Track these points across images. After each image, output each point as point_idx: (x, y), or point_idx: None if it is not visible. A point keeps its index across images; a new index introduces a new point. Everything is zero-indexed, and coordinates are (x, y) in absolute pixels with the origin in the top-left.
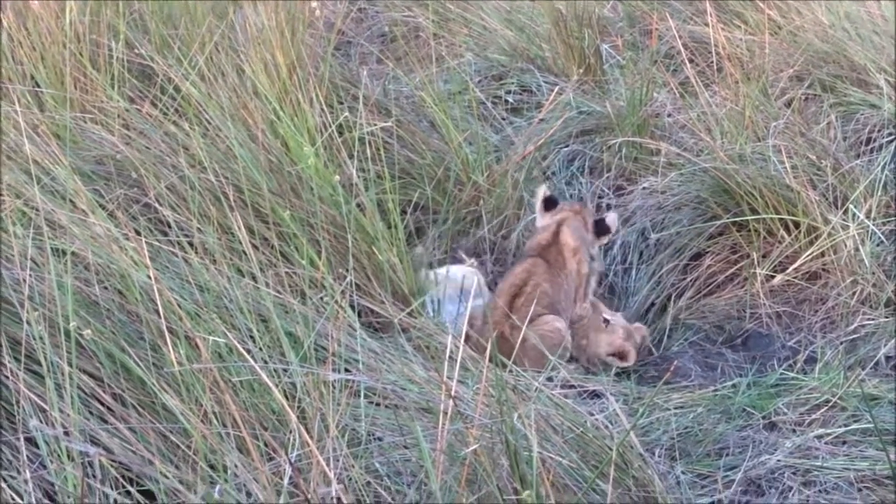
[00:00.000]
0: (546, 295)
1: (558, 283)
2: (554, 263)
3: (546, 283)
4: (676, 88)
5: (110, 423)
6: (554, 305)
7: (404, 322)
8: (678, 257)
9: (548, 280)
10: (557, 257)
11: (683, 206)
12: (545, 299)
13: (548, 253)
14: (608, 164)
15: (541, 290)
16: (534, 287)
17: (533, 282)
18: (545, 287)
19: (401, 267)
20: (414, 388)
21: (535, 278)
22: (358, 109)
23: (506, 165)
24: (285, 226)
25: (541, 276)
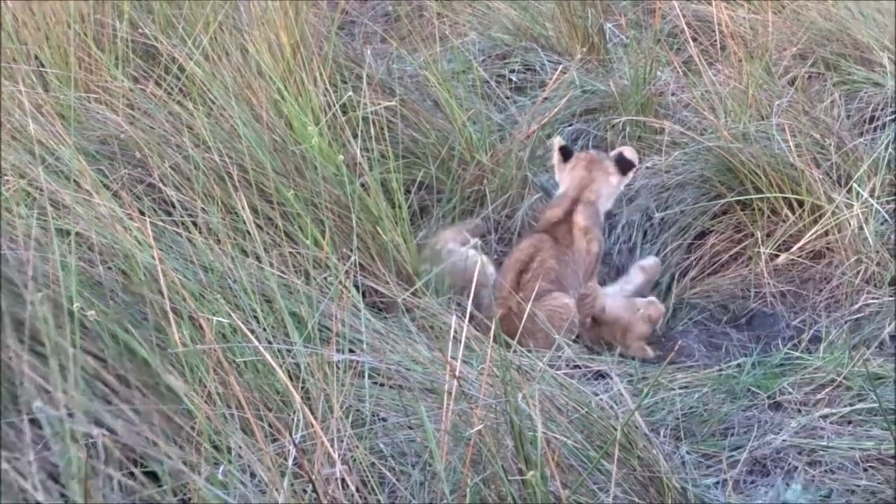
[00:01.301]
0: (553, 271)
1: (564, 261)
2: (561, 241)
3: (552, 260)
4: (680, 67)
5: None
6: (561, 282)
7: (408, 302)
8: (682, 236)
9: (554, 256)
10: (566, 235)
11: (687, 185)
12: (552, 275)
13: (556, 230)
14: (612, 143)
15: (547, 265)
16: (540, 263)
17: (539, 257)
18: (552, 263)
19: (405, 247)
20: (418, 368)
21: (541, 254)
22: (362, 89)
23: (510, 144)
24: (289, 206)
25: (547, 251)
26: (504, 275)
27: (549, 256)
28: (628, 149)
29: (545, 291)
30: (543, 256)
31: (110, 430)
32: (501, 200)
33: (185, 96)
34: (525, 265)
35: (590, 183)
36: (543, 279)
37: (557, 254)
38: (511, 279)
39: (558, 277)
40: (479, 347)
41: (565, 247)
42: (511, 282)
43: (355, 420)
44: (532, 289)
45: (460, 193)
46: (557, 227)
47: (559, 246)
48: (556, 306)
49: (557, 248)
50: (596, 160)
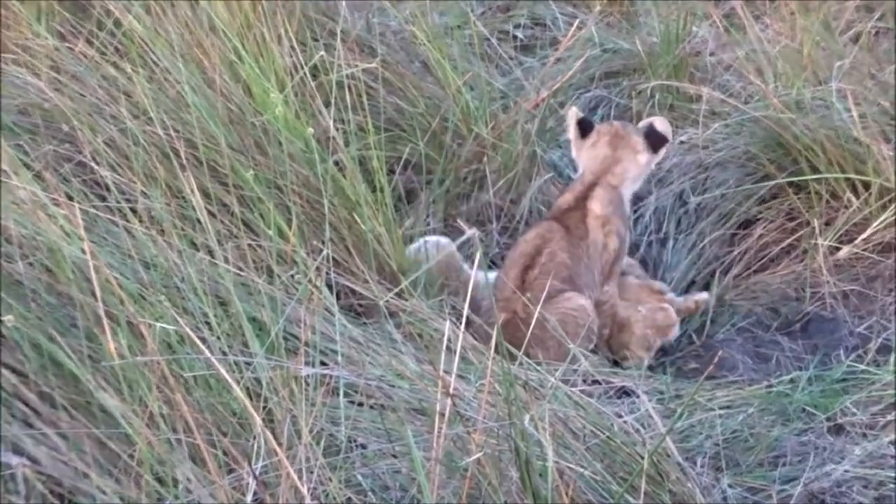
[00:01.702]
0: (564, 266)
1: (577, 255)
2: (574, 231)
3: (564, 253)
4: (720, 21)
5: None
6: (574, 280)
7: (392, 305)
8: (723, 225)
9: (566, 249)
10: (579, 224)
11: (729, 164)
12: (563, 272)
13: (568, 217)
14: (638, 113)
15: (558, 260)
16: (549, 257)
17: (548, 250)
18: (563, 257)
19: (388, 238)
20: (404, 384)
21: (550, 246)
22: (336, 48)
23: (515, 115)
24: (248, 189)
25: (557, 243)
26: (507, 272)
27: (559, 249)
28: (660, 120)
29: (556, 291)
30: (553, 249)
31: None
32: (505, 182)
33: (122, 57)
34: (531, 260)
35: (613, 163)
36: (553, 277)
37: (569, 246)
38: (515, 277)
39: (571, 275)
40: (478, 359)
41: (578, 238)
42: (515, 280)
43: (328, 447)
44: (540, 288)
45: (455, 174)
46: (569, 214)
47: (571, 237)
48: (569, 309)
49: (569, 239)
50: (621, 135)
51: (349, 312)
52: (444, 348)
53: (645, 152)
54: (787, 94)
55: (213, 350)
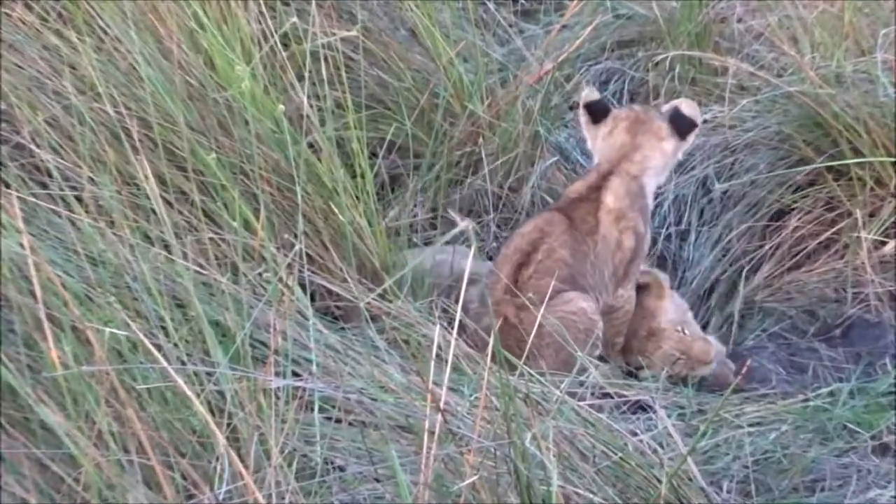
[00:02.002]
0: (564, 264)
1: (581, 252)
2: (580, 224)
3: (564, 249)
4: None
5: None
6: (576, 279)
7: (374, 307)
8: (753, 216)
9: (567, 245)
10: (588, 217)
11: (760, 146)
12: (563, 270)
13: (576, 209)
14: (655, 88)
15: (556, 256)
16: (547, 253)
17: (546, 246)
18: (562, 254)
19: (369, 231)
20: (388, 398)
21: (548, 240)
22: (310, 13)
23: (515, 90)
24: (210, 174)
25: (557, 237)
26: (498, 270)
27: (559, 245)
28: (686, 102)
29: (554, 292)
30: (551, 244)
31: None
32: (503, 167)
33: (67, 24)
34: (526, 256)
35: (633, 151)
36: (550, 276)
37: (571, 241)
38: (507, 276)
39: (573, 274)
40: (473, 369)
41: (584, 233)
42: (507, 279)
43: (301, 469)
44: (535, 289)
45: (446, 158)
46: (578, 205)
47: (575, 231)
48: (567, 312)
49: (572, 233)
50: (642, 119)
51: (325, 316)
52: (433, 356)
53: (670, 139)
54: (826, 66)
55: (170, 359)
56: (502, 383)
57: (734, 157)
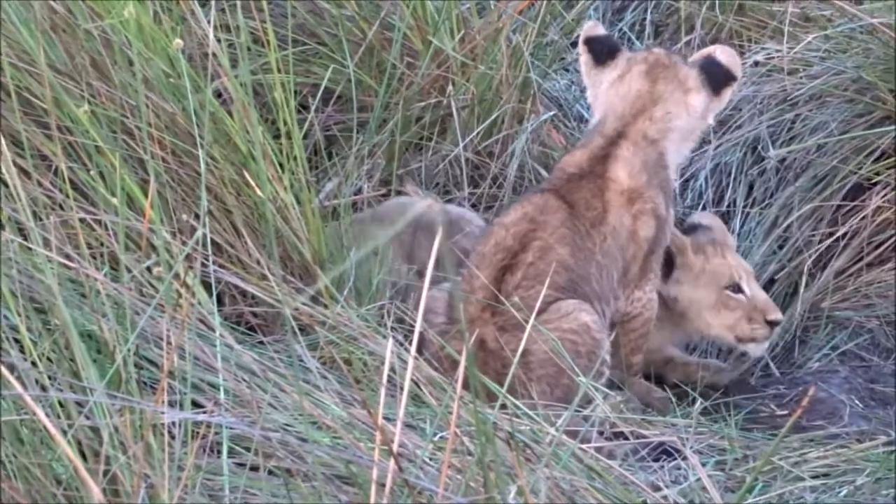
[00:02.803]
0: (562, 267)
1: (587, 249)
2: (584, 211)
3: (562, 247)
4: None
5: None
6: (577, 286)
7: (304, 315)
8: (820, 194)
9: (566, 240)
10: (592, 201)
11: (830, 99)
12: (561, 274)
13: (576, 189)
14: (689, 19)
15: (553, 257)
16: (540, 252)
17: (538, 243)
18: (560, 253)
19: (297, 211)
20: (323, 437)
21: (541, 235)
22: None
23: (495, 21)
24: (81, 133)
25: (553, 230)
26: (474, 274)
27: (555, 241)
28: (723, 49)
29: (546, 303)
30: (546, 240)
31: None
32: (481, 125)
33: None
34: (512, 256)
35: (652, 105)
36: (544, 283)
37: (573, 236)
38: (486, 284)
39: (572, 279)
40: (438, 399)
41: (589, 224)
42: (486, 288)
43: None
44: (526, 301)
45: (402, 112)
46: (579, 184)
47: (576, 221)
48: (566, 330)
49: (573, 223)
50: (665, 63)
51: (238, 326)
52: (384, 382)
53: (701, 92)
54: None
55: (27, 383)
56: (478, 419)
57: (795, 112)
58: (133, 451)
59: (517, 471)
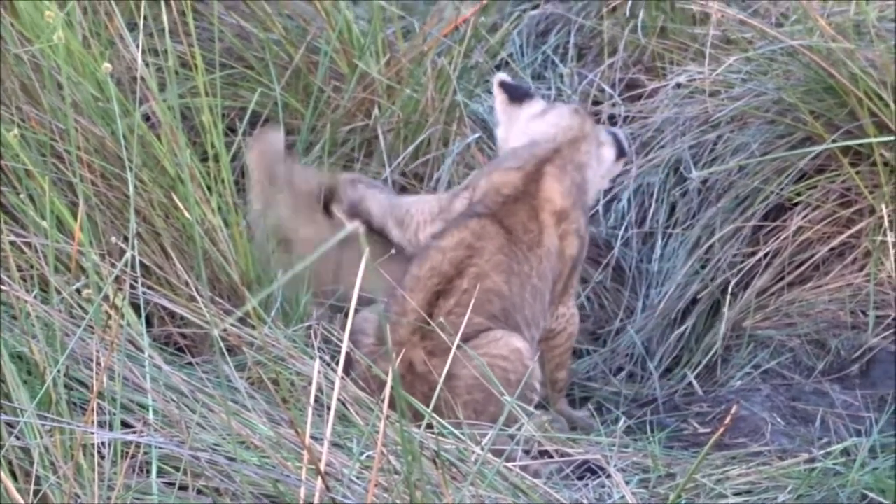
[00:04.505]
0: (495, 295)
1: (523, 275)
2: (521, 234)
3: (499, 275)
4: None
5: None
6: (509, 315)
7: (232, 335)
8: (743, 214)
9: (502, 268)
10: (528, 224)
11: (751, 121)
12: (495, 303)
13: (511, 212)
14: (612, 42)
15: (488, 285)
16: (475, 279)
17: (474, 269)
18: (496, 281)
19: (226, 233)
20: (250, 457)
21: (477, 261)
22: None
23: (420, 45)
24: (11, 156)
25: (490, 257)
26: (404, 296)
27: (491, 268)
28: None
29: (475, 332)
30: (482, 267)
31: None
32: (407, 147)
33: None
34: (447, 282)
35: (582, 138)
36: (477, 311)
37: (508, 263)
38: (417, 307)
39: (506, 308)
40: (365, 419)
41: (527, 247)
42: (416, 313)
43: None
44: (457, 328)
45: (329, 135)
46: (514, 207)
47: (514, 245)
48: (497, 356)
49: (511, 250)
50: (583, 114)
51: (166, 347)
52: (311, 402)
53: (611, 150)
54: (842, 12)
55: None
56: (404, 438)
57: (717, 133)
58: (63, 471)
59: (443, 489)
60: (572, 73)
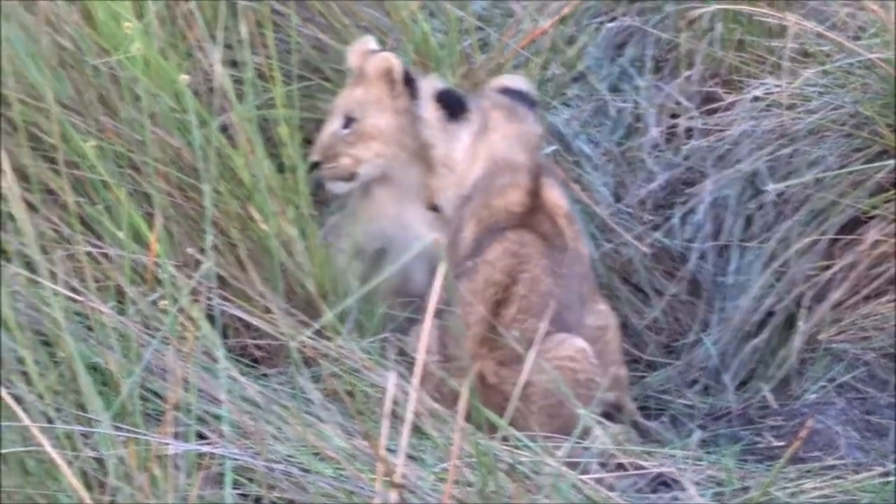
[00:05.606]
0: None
1: (565, 276)
2: (553, 240)
3: (548, 277)
4: None
5: None
6: (562, 316)
7: (308, 347)
8: (818, 227)
9: (549, 271)
10: (553, 229)
11: (828, 134)
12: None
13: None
14: (689, 54)
15: (543, 290)
16: (530, 284)
17: (527, 274)
18: (547, 284)
19: (302, 245)
20: (325, 468)
21: (528, 267)
22: None
23: (499, 56)
24: (88, 168)
25: (537, 262)
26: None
27: (541, 272)
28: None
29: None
30: (533, 271)
31: None
32: None
33: None
34: (504, 290)
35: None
36: (538, 315)
37: (553, 266)
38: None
39: (559, 311)
40: (440, 431)
41: (559, 251)
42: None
43: None
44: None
45: None
46: (536, 217)
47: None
48: (563, 358)
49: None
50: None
51: (242, 358)
52: (387, 413)
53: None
54: None
55: (33, 415)
56: (479, 450)
57: (793, 146)
58: (138, 482)
59: (518, 502)
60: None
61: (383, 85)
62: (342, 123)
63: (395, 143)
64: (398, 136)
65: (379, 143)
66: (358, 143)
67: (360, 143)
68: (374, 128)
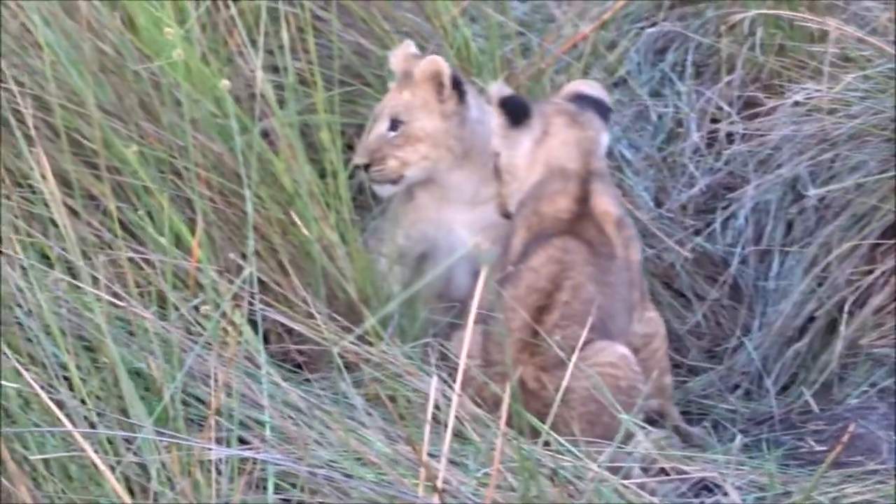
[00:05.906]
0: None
1: (611, 284)
2: (598, 247)
3: (593, 285)
4: None
5: None
6: (605, 325)
7: (350, 352)
8: (860, 232)
9: (593, 278)
10: (600, 237)
11: (869, 139)
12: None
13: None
14: (729, 59)
15: (586, 297)
16: (573, 291)
17: (571, 281)
18: (591, 291)
19: (343, 250)
20: (367, 473)
21: (572, 274)
22: None
23: (541, 61)
24: (129, 173)
25: (581, 269)
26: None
27: (586, 279)
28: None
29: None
30: (577, 279)
31: None
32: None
33: None
34: (546, 297)
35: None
36: (581, 322)
37: (597, 274)
38: (523, 325)
39: (602, 318)
40: (481, 436)
41: (606, 259)
42: (524, 327)
43: None
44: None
45: None
46: (582, 224)
47: (597, 257)
48: (604, 365)
49: (597, 262)
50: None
51: (284, 363)
52: (428, 418)
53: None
54: None
55: (76, 420)
56: (521, 455)
57: (834, 151)
58: (180, 487)
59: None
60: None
61: (431, 88)
62: (389, 126)
63: (441, 147)
64: (445, 139)
65: (426, 146)
66: (405, 145)
67: (407, 146)
68: (422, 130)
